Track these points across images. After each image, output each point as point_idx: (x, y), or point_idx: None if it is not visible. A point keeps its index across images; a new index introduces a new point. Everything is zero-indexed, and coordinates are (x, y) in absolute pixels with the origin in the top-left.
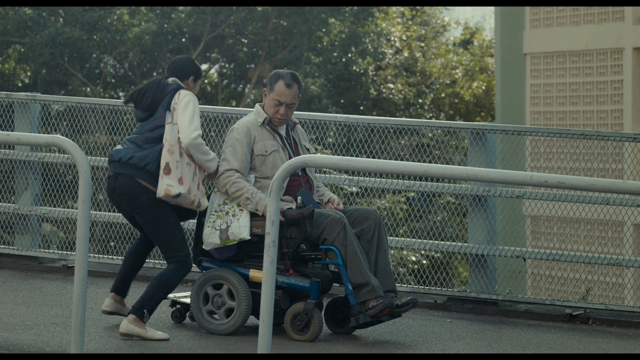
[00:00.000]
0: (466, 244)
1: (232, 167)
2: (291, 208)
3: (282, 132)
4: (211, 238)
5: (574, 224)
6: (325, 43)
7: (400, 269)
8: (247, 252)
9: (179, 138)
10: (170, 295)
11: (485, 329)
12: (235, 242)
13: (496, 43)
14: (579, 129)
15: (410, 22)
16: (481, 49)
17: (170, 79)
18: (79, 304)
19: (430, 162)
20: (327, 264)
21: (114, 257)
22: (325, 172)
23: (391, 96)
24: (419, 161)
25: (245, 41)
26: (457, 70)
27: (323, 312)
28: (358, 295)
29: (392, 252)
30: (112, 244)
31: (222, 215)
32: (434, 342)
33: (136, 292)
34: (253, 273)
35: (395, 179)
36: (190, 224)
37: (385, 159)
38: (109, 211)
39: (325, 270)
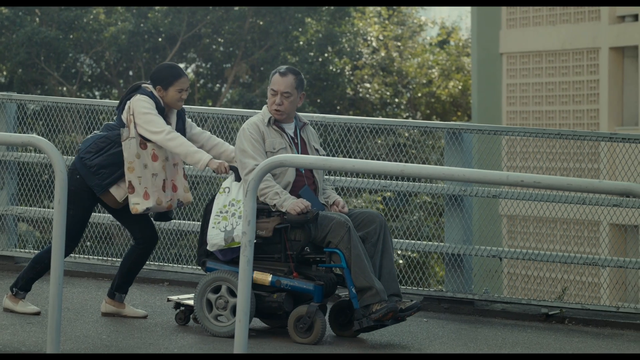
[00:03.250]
0: (442, 244)
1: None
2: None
3: (290, 131)
4: (216, 239)
5: (550, 223)
6: (301, 43)
7: None
8: None
9: (136, 152)
10: (174, 298)
11: (462, 328)
12: (240, 245)
13: (472, 43)
14: (555, 128)
15: (386, 22)
16: (457, 48)
17: (144, 85)
18: (55, 304)
19: (406, 161)
20: (332, 267)
21: (90, 256)
22: None
23: (368, 96)
24: (396, 161)
25: (222, 41)
26: (434, 70)
27: (327, 315)
28: (362, 299)
29: None
30: (88, 243)
31: (227, 216)
32: (410, 342)
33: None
34: (257, 275)
35: (371, 178)
36: (195, 226)
37: (362, 158)
38: None
39: (330, 273)
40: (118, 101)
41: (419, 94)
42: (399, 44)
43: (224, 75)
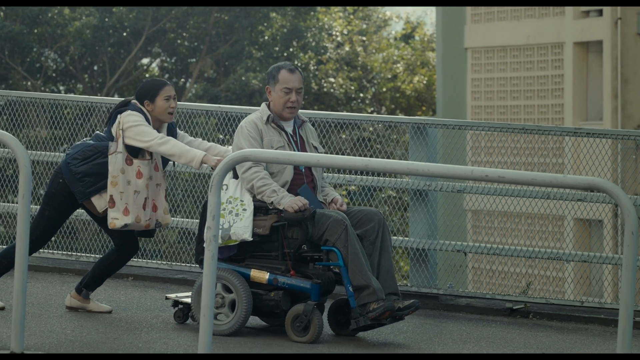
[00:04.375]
0: (407, 238)
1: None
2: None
3: (289, 129)
4: None
5: (515, 218)
6: (266, 37)
7: None
8: (249, 251)
9: (121, 168)
10: (172, 296)
11: (426, 323)
12: (237, 243)
13: (437, 37)
14: (519, 123)
15: (351, 17)
16: (422, 43)
17: (133, 101)
18: (19, 299)
19: (371, 156)
20: (329, 265)
21: (55, 251)
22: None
23: (332, 90)
24: (360, 155)
25: (187, 35)
26: (399, 65)
27: (326, 313)
28: (359, 297)
29: None
30: (52, 238)
31: (224, 214)
32: (374, 337)
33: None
34: (254, 273)
35: (336, 173)
36: (192, 224)
37: (326, 153)
38: None
39: (328, 271)
40: (85, 96)
41: (384, 89)
42: (363, 38)
43: (188, 70)
